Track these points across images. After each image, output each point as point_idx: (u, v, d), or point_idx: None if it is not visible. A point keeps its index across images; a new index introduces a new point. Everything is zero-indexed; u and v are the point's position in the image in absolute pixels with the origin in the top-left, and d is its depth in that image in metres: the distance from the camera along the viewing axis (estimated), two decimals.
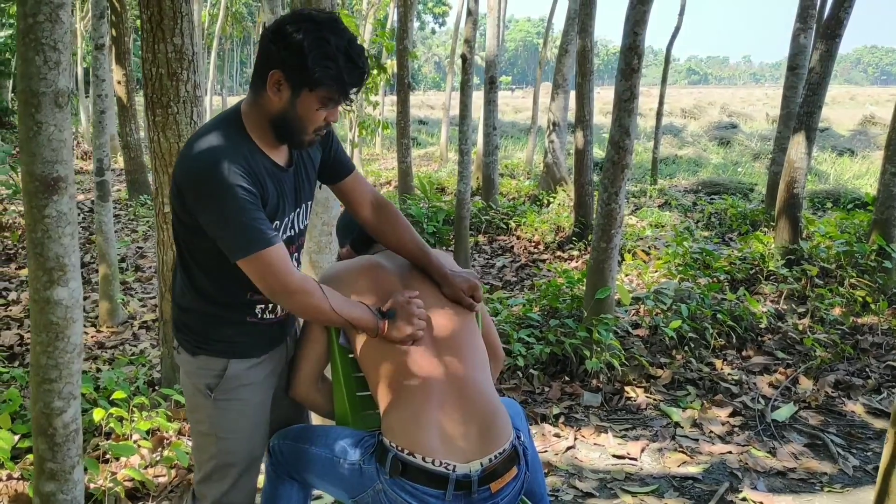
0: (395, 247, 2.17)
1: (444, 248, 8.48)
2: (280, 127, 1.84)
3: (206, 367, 1.97)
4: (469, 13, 7.94)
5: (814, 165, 14.91)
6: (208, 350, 1.97)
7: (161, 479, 3.20)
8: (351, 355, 2.11)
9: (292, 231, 1.99)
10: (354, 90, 1.82)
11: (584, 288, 4.82)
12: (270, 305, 2.01)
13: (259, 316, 2.00)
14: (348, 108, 1.89)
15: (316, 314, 1.90)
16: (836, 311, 5.35)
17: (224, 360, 1.97)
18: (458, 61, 9.76)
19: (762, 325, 5.14)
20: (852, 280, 5.76)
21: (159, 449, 3.37)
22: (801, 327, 5.16)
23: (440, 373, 1.93)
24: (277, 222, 1.90)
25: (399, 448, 1.84)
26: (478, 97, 10.38)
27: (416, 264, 2.16)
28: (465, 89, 7.51)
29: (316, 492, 3.14)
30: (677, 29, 12.93)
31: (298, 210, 2.00)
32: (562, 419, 4.00)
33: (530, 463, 2.18)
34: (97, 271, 6.18)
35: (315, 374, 2.18)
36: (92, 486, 3.05)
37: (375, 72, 9.76)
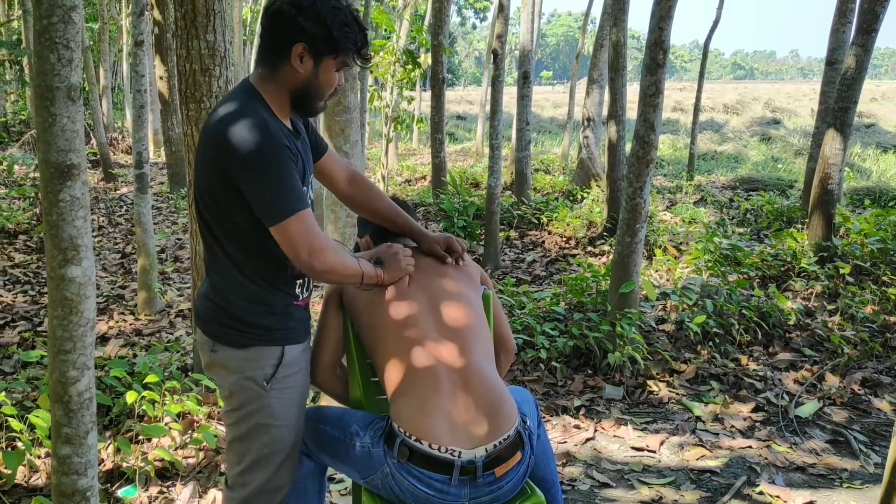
0: (372, 212, 2.29)
1: (474, 242, 8.53)
2: (301, 96, 1.94)
3: (259, 357, 1.97)
4: (501, 8, 7.97)
5: (855, 162, 14.60)
6: (265, 339, 1.97)
7: (190, 460, 3.33)
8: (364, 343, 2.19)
9: (310, 201, 2.03)
10: (365, 51, 1.96)
11: (609, 282, 4.84)
12: (304, 281, 2.05)
13: (300, 297, 2.05)
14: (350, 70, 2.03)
15: (345, 271, 1.96)
16: (868, 309, 5.28)
17: (280, 347, 1.98)
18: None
19: (790, 322, 5.10)
20: (886, 278, 5.68)
21: (189, 431, 3.49)
22: (830, 325, 5.11)
23: (447, 361, 1.99)
24: (306, 188, 1.96)
25: (407, 434, 1.90)
26: (514, 92, 10.40)
27: (395, 226, 2.29)
28: (496, 85, 7.55)
29: (339, 475, 3.25)
30: (716, 23, 12.78)
31: (309, 181, 2.05)
32: (582, 411, 4.04)
33: (541, 450, 2.24)
34: (137, 261, 6.36)
35: (334, 361, 2.26)
36: (124, 464, 3.19)
37: (410, 66, 9.85)
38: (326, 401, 3.50)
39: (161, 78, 11.35)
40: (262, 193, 1.82)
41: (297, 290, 2.04)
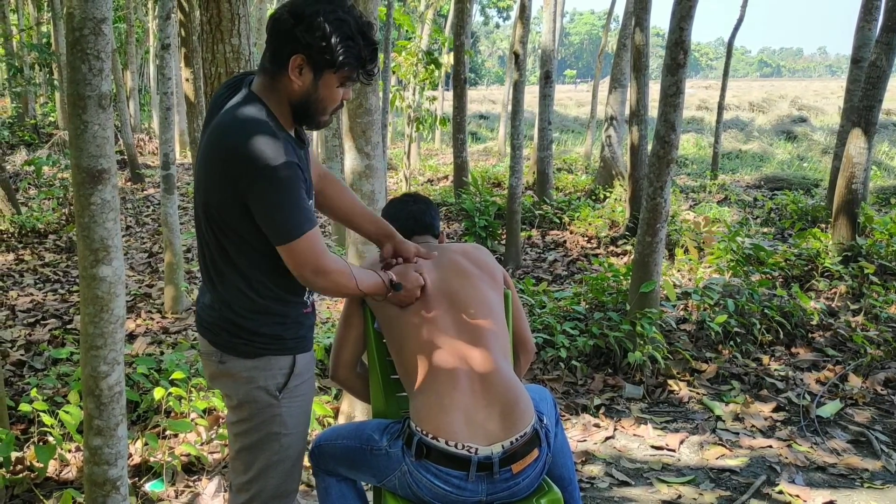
0: (344, 210, 2.24)
1: (495, 241, 8.56)
2: (302, 109, 1.86)
3: (270, 366, 1.94)
4: (522, 11, 8.00)
5: (882, 160, 14.41)
6: (276, 349, 1.95)
7: (215, 456, 3.40)
8: (385, 340, 2.24)
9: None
10: (371, 66, 1.85)
11: (630, 282, 4.85)
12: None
13: (308, 303, 2.03)
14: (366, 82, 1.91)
15: (345, 291, 1.95)
16: (892, 309, 5.23)
17: (291, 356, 1.97)
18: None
19: (813, 322, 5.08)
20: None
21: (215, 427, 3.56)
22: (853, 325, 5.08)
23: (465, 359, 2.03)
24: (311, 201, 1.92)
25: (424, 432, 1.94)
26: (537, 91, 10.40)
27: (367, 225, 2.26)
28: (517, 86, 7.59)
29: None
30: (740, 21, 12.70)
31: (312, 193, 1.99)
32: (602, 410, 4.05)
33: (558, 448, 2.27)
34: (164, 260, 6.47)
35: (354, 358, 2.31)
36: (151, 459, 3.27)
37: (432, 67, 9.90)
38: (348, 400, 3.55)
39: (187, 80, 11.46)
40: (272, 213, 1.77)
41: (306, 297, 2.03)
